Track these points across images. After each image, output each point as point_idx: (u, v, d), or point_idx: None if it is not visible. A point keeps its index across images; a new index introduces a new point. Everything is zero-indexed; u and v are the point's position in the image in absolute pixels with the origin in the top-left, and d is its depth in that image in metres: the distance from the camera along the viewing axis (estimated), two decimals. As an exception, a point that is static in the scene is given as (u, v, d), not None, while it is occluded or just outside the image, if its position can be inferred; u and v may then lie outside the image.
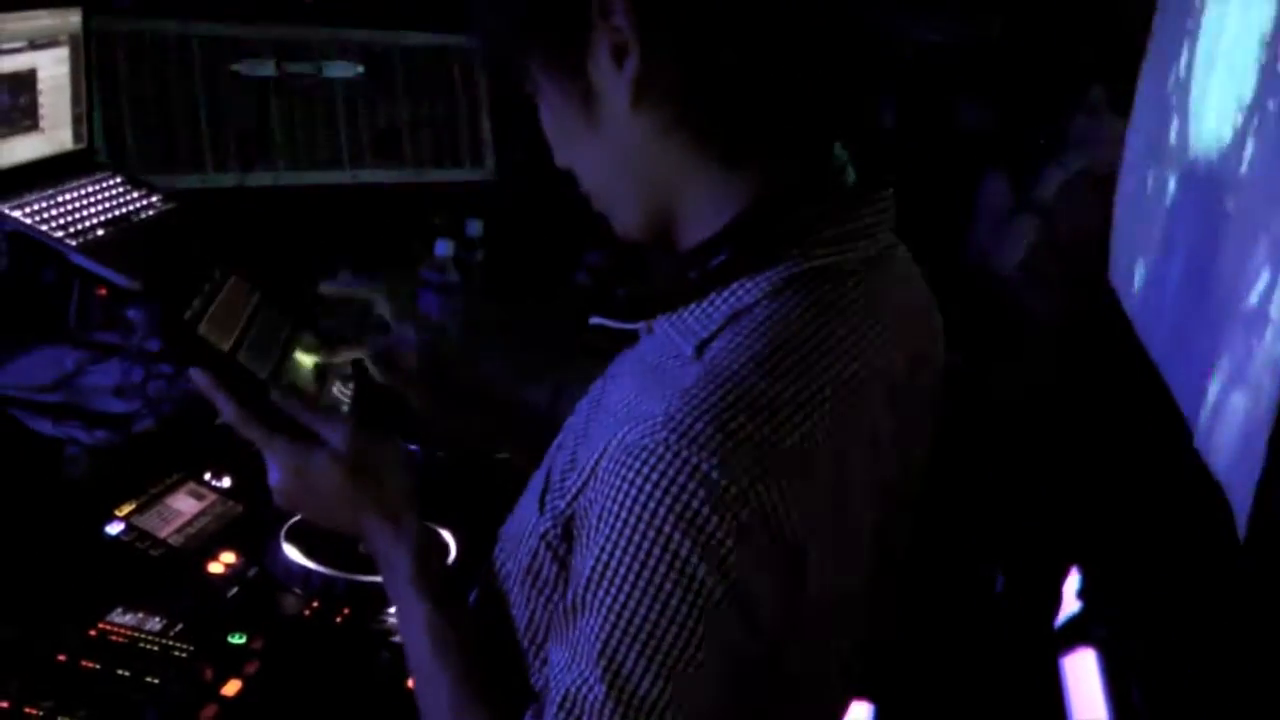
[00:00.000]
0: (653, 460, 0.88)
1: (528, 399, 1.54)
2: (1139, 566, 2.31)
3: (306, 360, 1.41)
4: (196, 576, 1.52)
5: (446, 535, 1.62)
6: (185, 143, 2.53)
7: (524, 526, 1.05)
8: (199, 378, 1.20)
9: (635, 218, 1.05)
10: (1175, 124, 2.67)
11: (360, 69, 2.77)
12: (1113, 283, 2.96)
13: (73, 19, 2.21)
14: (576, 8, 0.95)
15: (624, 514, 0.89)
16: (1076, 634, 2.56)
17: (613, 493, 0.90)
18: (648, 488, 0.88)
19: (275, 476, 1.20)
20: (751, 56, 0.95)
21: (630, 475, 0.89)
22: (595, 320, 1.05)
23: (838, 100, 1.01)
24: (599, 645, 0.90)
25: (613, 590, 0.90)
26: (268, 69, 2.64)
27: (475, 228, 2.65)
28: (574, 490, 0.97)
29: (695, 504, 0.87)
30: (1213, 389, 2.01)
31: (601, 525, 0.91)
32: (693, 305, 0.99)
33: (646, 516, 0.88)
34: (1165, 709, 2.02)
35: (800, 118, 1.00)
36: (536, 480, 1.08)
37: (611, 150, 1.01)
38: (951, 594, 2.60)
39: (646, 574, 0.88)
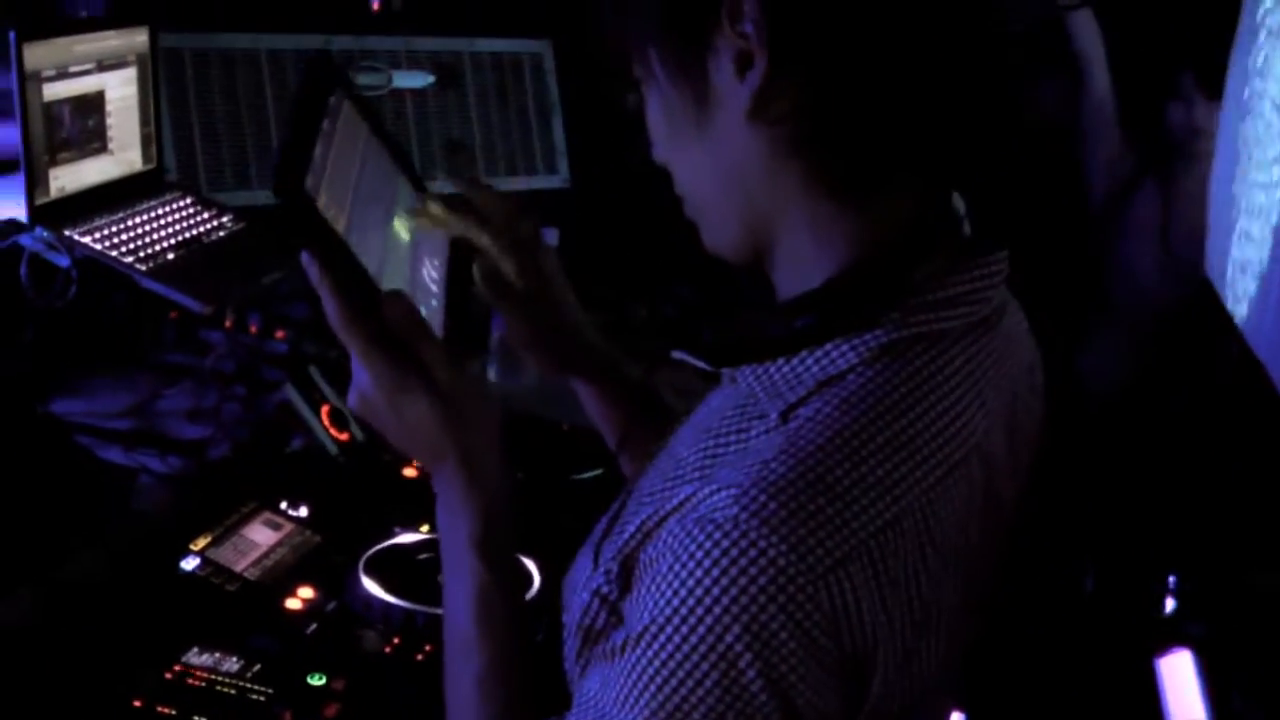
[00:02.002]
0: (718, 536, 0.82)
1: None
2: (1237, 563, 2.23)
3: (404, 233, 1.26)
4: (274, 613, 1.47)
5: (530, 565, 1.56)
6: (256, 159, 2.49)
7: (579, 577, 0.99)
8: (310, 266, 1.06)
9: (728, 236, 0.98)
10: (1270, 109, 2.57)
11: (430, 78, 2.72)
12: (1209, 275, 2.86)
13: (139, 38, 2.18)
14: (706, 4, 0.88)
15: (680, 588, 0.83)
16: (1172, 634, 2.48)
17: (673, 561, 0.84)
18: (707, 564, 0.82)
19: (362, 386, 1.09)
20: (883, 86, 0.87)
21: (693, 549, 0.83)
22: (678, 355, 0.98)
23: (970, 138, 0.93)
24: (626, 696, 0.86)
25: (653, 657, 0.85)
26: (336, 81, 2.59)
27: (551, 236, 2.59)
28: (634, 544, 0.91)
29: (754, 590, 0.81)
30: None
31: (655, 590, 0.85)
32: (781, 360, 0.92)
33: (700, 593, 0.82)
34: (1270, 710, 1.94)
35: (927, 155, 0.93)
36: (598, 528, 1.03)
37: (717, 159, 0.94)
38: (1040, 594, 2.51)
39: (690, 654, 0.83)
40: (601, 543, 0.98)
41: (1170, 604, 2.52)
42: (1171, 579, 2.52)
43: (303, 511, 1.67)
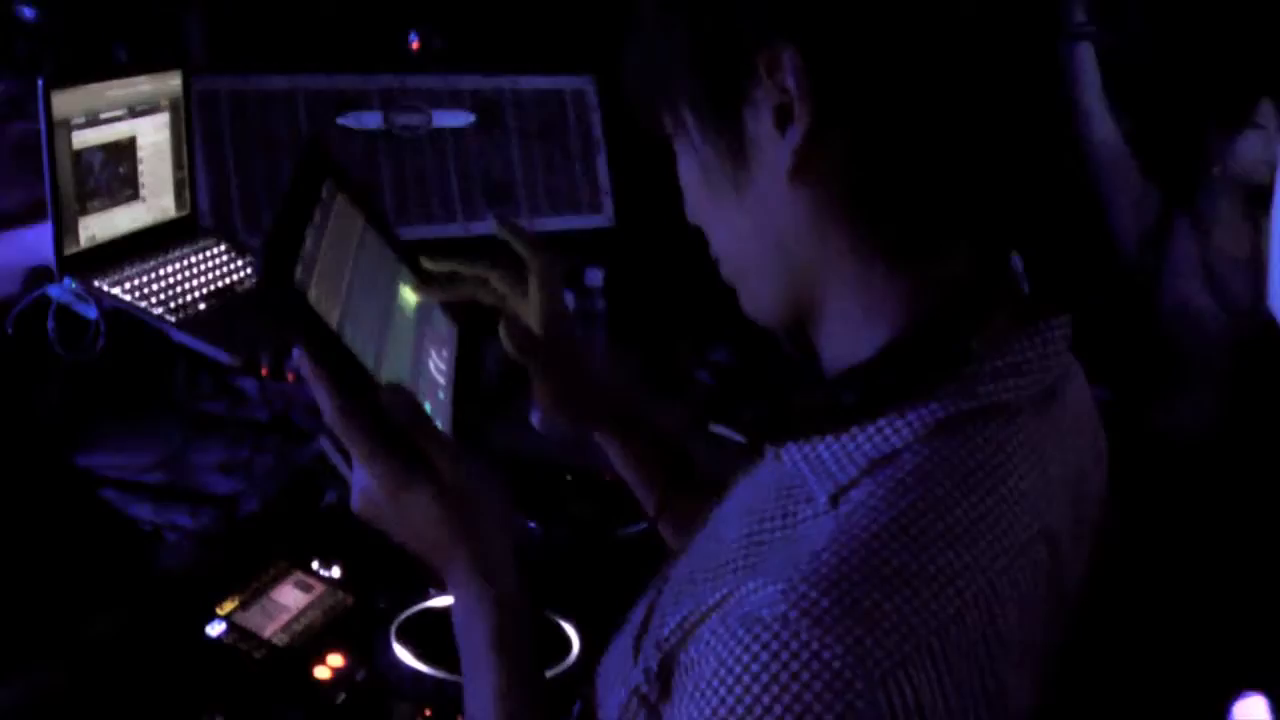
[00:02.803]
0: (766, 637, 0.74)
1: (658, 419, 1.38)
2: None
3: (407, 324, 1.22)
4: (302, 682, 1.42)
5: (569, 629, 1.50)
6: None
7: (617, 671, 0.93)
8: (303, 363, 1.01)
9: (769, 301, 0.91)
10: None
11: (471, 117, 2.67)
12: (1272, 308, 2.77)
13: (172, 83, 2.13)
14: (741, 53, 0.81)
15: (727, 695, 0.75)
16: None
17: (718, 666, 0.76)
18: (755, 668, 0.74)
19: (364, 486, 1.04)
20: (936, 140, 0.81)
21: (739, 652, 0.75)
22: (716, 429, 0.92)
23: (1029, 194, 0.87)
24: None
25: None
26: (375, 121, 2.55)
27: (596, 276, 2.54)
28: (674, 641, 0.84)
29: (808, 698, 0.72)
30: None
31: (698, 697, 0.77)
32: (830, 438, 0.85)
33: (749, 700, 0.74)
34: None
35: (984, 212, 0.85)
36: (636, 614, 0.96)
37: (756, 220, 0.87)
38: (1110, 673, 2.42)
39: None
40: (641, 636, 0.91)
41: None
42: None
43: (335, 571, 1.61)
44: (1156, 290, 3.01)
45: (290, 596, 1.56)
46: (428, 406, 1.09)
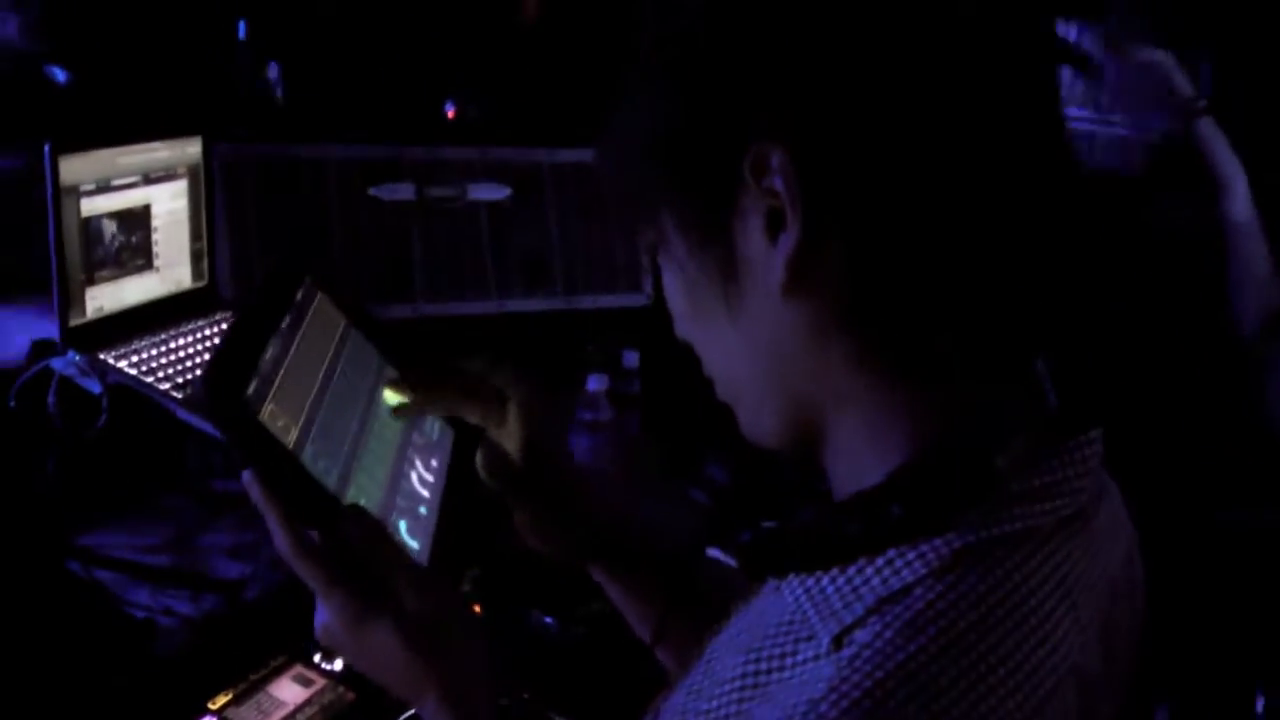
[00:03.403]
0: None
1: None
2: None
3: (390, 432, 1.13)
4: (291, 788, 1.32)
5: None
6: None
7: None
8: (252, 487, 0.93)
9: (770, 424, 0.81)
10: None
11: (507, 190, 2.59)
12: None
13: (191, 149, 2.07)
14: (724, 157, 0.72)
15: None
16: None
17: None
18: None
19: (324, 618, 0.96)
20: (943, 244, 0.71)
21: None
22: (712, 554, 0.82)
23: (1052, 301, 0.76)
24: None
25: None
26: (408, 192, 2.48)
27: (632, 359, 2.43)
28: None
29: None
30: None
31: None
32: (835, 571, 0.75)
33: None
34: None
35: (1001, 323, 0.75)
36: None
37: (751, 338, 0.78)
38: None
39: None
40: None
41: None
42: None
43: (337, 664, 1.52)
44: (1263, 382, 2.88)
45: (289, 691, 1.47)
46: (403, 525, 1.02)
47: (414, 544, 1.03)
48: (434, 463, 1.16)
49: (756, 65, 0.70)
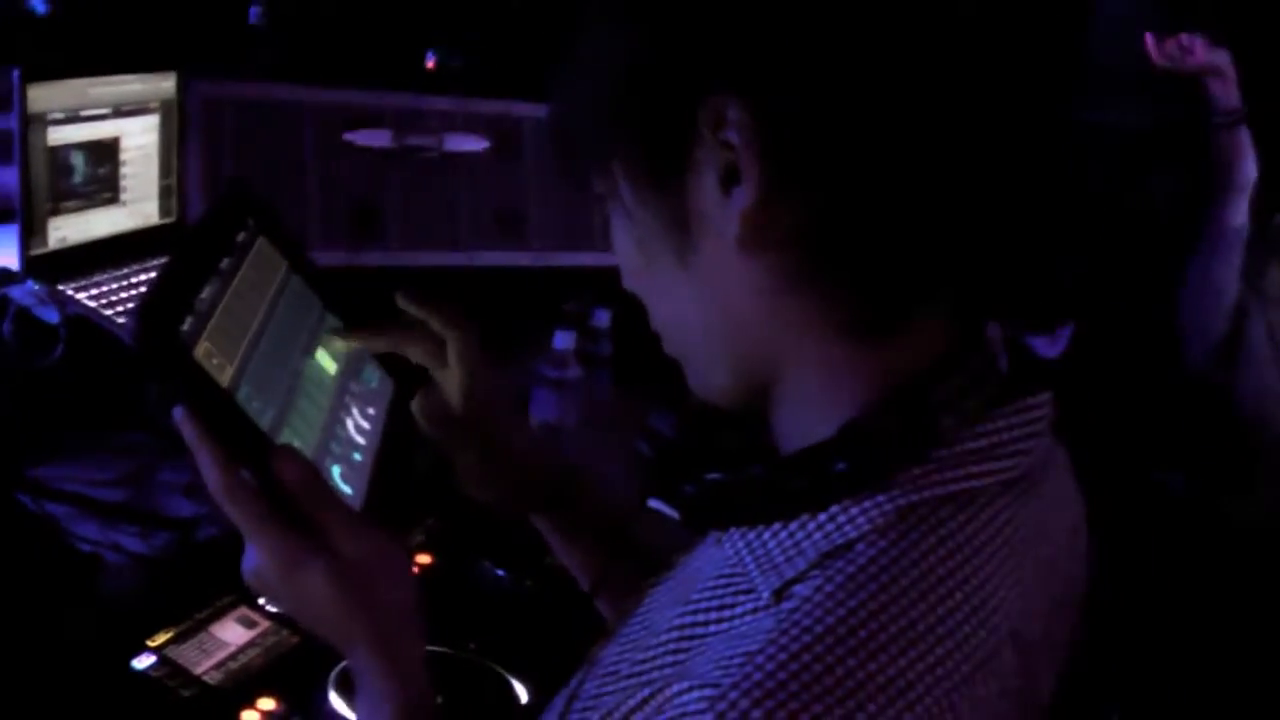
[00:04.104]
0: None
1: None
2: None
3: (328, 378, 1.11)
4: (228, 724, 1.31)
5: (517, 685, 1.39)
6: (291, 216, 2.35)
7: None
8: (184, 425, 0.89)
9: (720, 380, 0.80)
10: None
11: (485, 143, 2.57)
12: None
13: (165, 84, 2.05)
14: (679, 107, 0.70)
15: None
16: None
17: None
18: None
19: (254, 561, 0.92)
20: (903, 201, 0.69)
21: None
22: (653, 504, 0.81)
23: (1013, 260, 0.75)
24: None
25: None
26: (384, 140, 2.46)
27: (603, 318, 2.40)
28: None
29: None
30: None
31: None
32: (777, 525, 0.74)
33: None
34: None
35: (959, 281, 0.74)
36: (558, 700, 0.85)
37: (702, 294, 0.76)
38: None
39: None
40: None
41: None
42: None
43: (284, 608, 1.51)
44: (1237, 375, 2.89)
45: (232, 632, 1.46)
46: (336, 470, 0.99)
47: (347, 489, 1.02)
48: (371, 410, 1.14)
49: (718, 14, 0.69)
